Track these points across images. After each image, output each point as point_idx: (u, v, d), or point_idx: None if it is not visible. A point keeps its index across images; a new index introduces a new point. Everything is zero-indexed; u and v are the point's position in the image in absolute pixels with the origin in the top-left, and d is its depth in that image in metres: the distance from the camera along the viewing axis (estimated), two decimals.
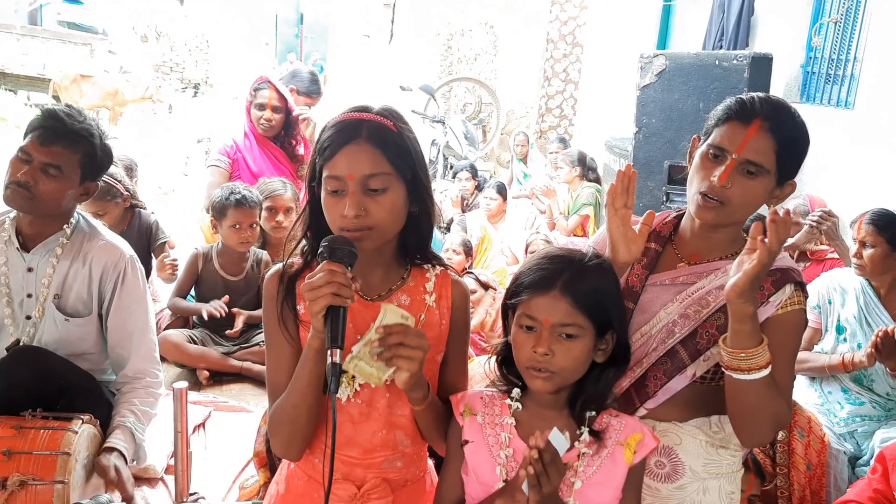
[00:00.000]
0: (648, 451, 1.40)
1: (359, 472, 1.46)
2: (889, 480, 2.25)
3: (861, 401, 2.95)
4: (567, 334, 1.35)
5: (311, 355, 1.35)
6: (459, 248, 4.41)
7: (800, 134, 1.54)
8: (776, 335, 1.49)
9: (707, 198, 1.52)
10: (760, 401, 1.45)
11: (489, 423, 1.44)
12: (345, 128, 1.37)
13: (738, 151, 1.49)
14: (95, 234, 2.27)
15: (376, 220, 1.36)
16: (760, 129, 1.49)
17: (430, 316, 1.47)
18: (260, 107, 3.85)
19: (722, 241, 1.60)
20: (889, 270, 2.88)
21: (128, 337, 2.29)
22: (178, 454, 1.94)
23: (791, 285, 1.54)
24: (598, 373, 1.40)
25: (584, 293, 1.35)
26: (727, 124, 1.53)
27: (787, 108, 1.55)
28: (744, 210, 1.54)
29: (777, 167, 1.51)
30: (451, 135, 8.37)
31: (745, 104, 1.52)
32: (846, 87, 4.37)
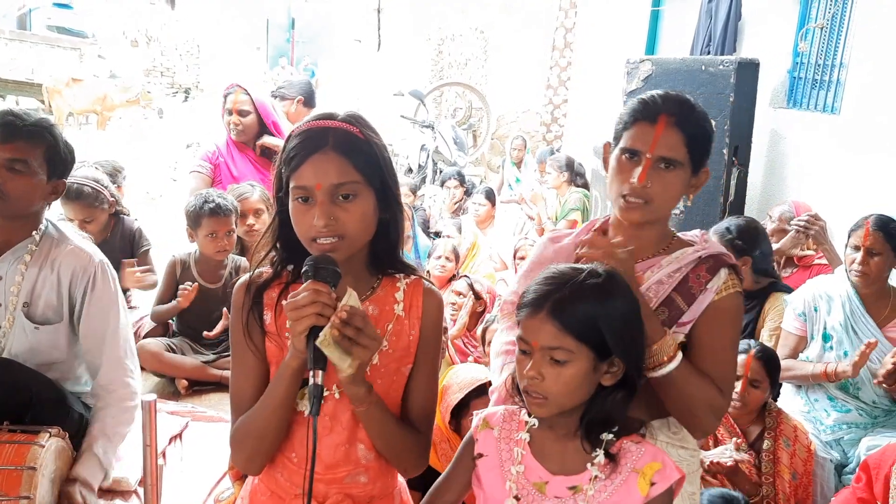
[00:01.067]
0: (669, 484, 1.32)
1: (321, 487, 1.42)
2: (873, 489, 2.23)
3: (847, 408, 2.93)
4: (555, 358, 1.30)
5: (288, 374, 1.33)
6: (451, 255, 4.38)
7: (704, 122, 1.59)
8: (714, 322, 1.54)
9: (629, 199, 1.56)
10: (685, 391, 1.50)
11: (504, 437, 1.42)
12: (310, 137, 1.34)
13: (651, 150, 1.53)
14: (64, 239, 2.23)
15: (347, 228, 1.33)
16: (667, 125, 1.53)
17: (399, 326, 1.44)
18: (228, 112, 3.86)
19: (651, 239, 1.63)
20: (887, 277, 2.87)
21: (100, 343, 2.25)
22: (147, 468, 1.90)
23: (725, 269, 1.58)
24: (603, 396, 1.35)
25: (572, 316, 1.30)
26: (635, 126, 1.57)
27: (688, 101, 1.60)
28: (666, 205, 1.59)
29: (689, 158, 1.56)
30: (440, 140, 8.35)
31: (647, 104, 1.57)
32: (832, 92, 4.36)
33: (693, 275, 1.56)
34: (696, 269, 1.57)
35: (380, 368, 1.43)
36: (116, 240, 3.64)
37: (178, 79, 15.65)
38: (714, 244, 1.63)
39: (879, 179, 3.70)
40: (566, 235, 1.76)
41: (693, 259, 1.58)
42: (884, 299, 2.89)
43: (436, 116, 9.76)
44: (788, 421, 2.71)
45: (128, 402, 2.28)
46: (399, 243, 1.48)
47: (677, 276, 1.56)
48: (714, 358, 1.53)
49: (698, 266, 1.57)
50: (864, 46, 4.07)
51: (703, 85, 4.28)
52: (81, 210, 3.40)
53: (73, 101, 11.60)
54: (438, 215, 6.75)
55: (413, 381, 1.47)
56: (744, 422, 2.68)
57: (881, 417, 2.91)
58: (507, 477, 1.38)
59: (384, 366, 1.43)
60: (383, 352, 1.43)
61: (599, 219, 1.74)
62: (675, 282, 1.56)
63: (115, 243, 3.61)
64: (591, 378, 1.32)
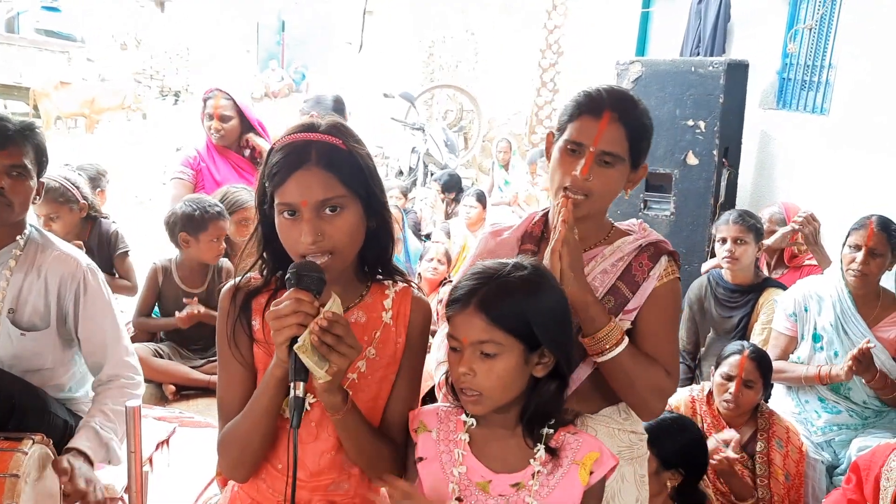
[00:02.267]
0: (606, 471, 1.36)
1: (304, 494, 1.42)
2: (863, 490, 2.23)
3: (838, 409, 2.94)
4: (485, 352, 1.30)
5: (272, 383, 1.31)
6: (443, 258, 4.37)
7: (646, 119, 1.61)
8: (655, 307, 1.59)
9: (570, 194, 1.57)
10: (632, 374, 1.53)
11: (443, 439, 1.41)
12: (293, 151, 1.32)
13: (595, 144, 1.54)
14: (49, 244, 2.20)
15: (335, 242, 1.32)
16: (611, 121, 1.54)
17: (386, 334, 1.44)
18: (209, 116, 3.80)
19: (592, 229, 1.65)
20: (878, 276, 2.87)
21: (101, 346, 2.23)
22: (132, 475, 1.87)
23: (665, 256, 1.62)
24: (539, 388, 1.36)
25: (500, 309, 1.30)
26: (579, 119, 1.58)
27: (631, 97, 1.62)
28: (605, 199, 1.61)
29: (630, 153, 1.58)
30: (431, 142, 8.35)
31: (592, 98, 1.58)
32: (821, 93, 4.37)
33: (636, 263, 1.61)
34: (639, 257, 1.61)
35: (367, 376, 1.42)
36: (94, 243, 3.60)
37: (168, 82, 15.57)
38: (652, 233, 1.68)
39: (868, 180, 3.71)
40: (507, 229, 1.77)
41: (634, 248, 1.62)
42: (874, 300, 2.90)
43: (427, 119, 9.77)
44: (781, 422, 2.71)
45: (129, 389, 2.26)
46: (389, 250, 1.46)
47: (620, 265, 1.61)
48: (658, 340, 1.58)
49: (640, 254, 1.61)
50: (852, 47, 4.08)
51: (693, 86, 4.28)
52: (46, 205, 3.34)
53: (61, 105, 11.54)
54: (430, 218, 6.75)
55: (395, 389, 1.46)
56: (736, 423, 2.68)
57: (871, 418, 2.91)
58: (449, 479, 1.37)
59: (371, 374, 1.42)
60: (371, 359, 1.42)
61: (538, 212, 1.77)
62: (618, 271, 1.61)
63: (92, 246, 3.57)
64: (523, 370, 1.33)
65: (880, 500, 2.15)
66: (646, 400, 1.58)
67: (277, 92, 17.25)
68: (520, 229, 1.74)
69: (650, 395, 1.57)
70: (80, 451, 2.05)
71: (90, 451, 2.08)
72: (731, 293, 3.35)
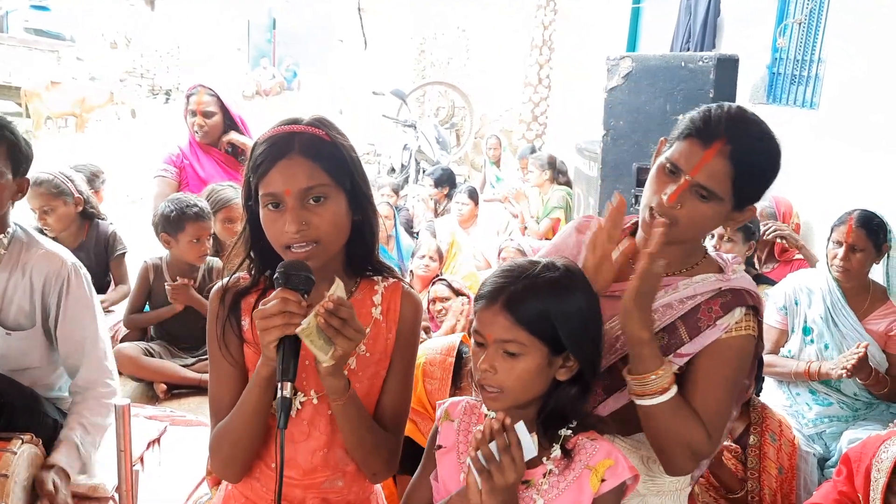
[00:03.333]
0: (620, 481, 1.31)
1: (297, 492, 1.41)
2: (854, 482, 2.23)
3: (829, 402, 2.95)
4: (507, 351, 1.29)
5: (260, 382, 1.31)
6: (435, 255, 4.36)
7: (764, 161, 1.44)
8: (714, 359, 1.44)
9: (656, 214, 1.45)
10: (668, 426, 1.39)
11: (464, 429, 1.42)
12: (276, 142, 1.32)
13: (693, 174, 1.39)
14: (34, 243, 2.18)
15: (319, 232, 1.31)
16: (719, 154, 1.38)
17: (377, 329, 1.43)
18: (192, 113, 3.77)
19: (677, 255, 1.50)
20: (864, 269, 2.89)
21: (79, 347, 2.21)
22: (122, 474, 1.87)
23: (741, 309, 1.46)
24: (558, 391, 1.34)
25: (526, 309, 1.28)
26: (687, 140, 1.43)
27: (753, 131, 1.43)
28: (692, 231, 1.46)
29: (733, 194, 1.41)
30: (422, 139, 8.35)
31: (709, 122, 1.41)
32: (811, 87, 4.38)
33: (706, 306, 1.45)
34: (712, 300, 1.46)
35: (357, 372, 1.41)
36: (91, 244, 3.59)
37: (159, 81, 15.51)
38: (742, 277, 1.50)
39: (857, 173, 3.72)
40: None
41: (711, 290, 1.46)
42: (864, 293, 2.91)
43: (418, 116, 9.77)
44: (773, 416, 2.71)
45: (106, 400, 2.24)
46: (374, 244, 1.46)
47: (689, 303, 1.46)
48: (707, 396, 1.42)
49: (714, 298, 1.45)
50: (841, 41, 4.09)
51: (683, 81, 4.28)
52: (39, 197, 3.33)
53: (52, 105, 11.50)
54: (422, 214, 6.74)
55: (386, 384, 1.45)
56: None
57: (862, 410, 2.92)
58: (462, 469, 1.37)
59: (362, 370, 1.42)
60: (361, 356, 1.42)
61: (632, 218, 1.62)
62: (685, 309, 1.46)
63: (90, 247, 3.57)
64: (546, 372, 1.31)
65: (871, 492, 2.15)
66: (675, 456, 1.43)
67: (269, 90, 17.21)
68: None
69: (681, 453, 1.42)
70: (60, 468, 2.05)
71: (69, 469, 2.08)
72: None
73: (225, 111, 3.80)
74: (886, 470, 2.11)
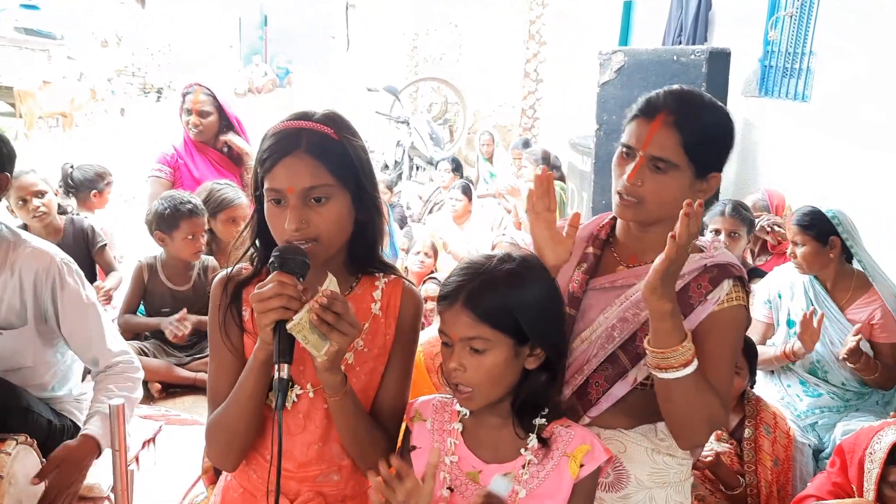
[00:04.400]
0: (597, 465, 1.35)
1: (292, 485, 1.42)
2: (847, 473, 2.25)
3: (819, 392, 2.97)
4: (474, 348, 1.30)
5: (256, 366, 1.32)
6: (430, 251, 4.37)
7: (711, 124, 1.50)
8: (713, 332, 1.47)
9: (623, 197, 1.51)
10: (690, 399, 1.41)
11: (437, 428, 1.42)
12: (284, 138, 1.33)
13: (644, 148, 1.47)
14: (21, 241, 2.17)
15: (319, 231, 1.32)
16: (663, 125, 1.46)
17: (376, 325, 1.44)
18: (187, 112, 3.74)
19: (657, 241, 1.51)
20: (828, 264, 2.91)
21: (87, 339, 2.22)
22: (117, 474, 1.87)
23: (729, 281, 1.50)
24: (528, 380, 1.35)
25: (486, 304, 1.29)
26: (634, 121, 1.52)
27: (696, 100, 1.52)
28: (662, 207, 1.50)
29: (689, 161, 1.47)
30: (416, 135, 8.34)
31: (649, 100, 1.51)
32: (803, 80, 4.38)
33: (695, 283, 1.49)
34: (699, 278, 1.50)
35: (355, 367, 1.42)
36: (70, 240, 3.58)
37: (150, 79, 15.47)
38: (724, 253, 1.55)
39: (849, 166, 3.74)
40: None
41: (697, 267, 1.50)
42: (845, 281, 2.94)
43: (411, 112, 9.76)
44: (767, 408, 2.73)
45: (130, 374, 2.26)
46: (378, 244, 1.46)
47: (679, 283, 1.47)
48: (712, 368, 1.44)
49: (701, 275, 1.50)
50: (832, 34, 4.10)
51: (676, 75, 4.29)
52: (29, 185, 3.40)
53: (45, 104, 11.48)
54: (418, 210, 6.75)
55: (385, 380, 1.46)
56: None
57: (853, 400, 2.94)
58: (441, 467, 1.37)
59: (360, 365, 1.42)
60: (359, 351, 1.42)
61: (608, 214, 1.68)
62: (675, 289, 1.46)
63: (68, 243, 3.54)
64: (514, 363, 1.33)
65: (865, 482, 2.17)
66: (696, 429, 1.46)
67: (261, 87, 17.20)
68: (587, 228, 1.67)
69: (702, 424, 1.45)
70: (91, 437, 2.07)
71: (102, 439, 2.08)
72: None
73: (221, 111, 3.79)
74: (880, 461, 2.13)
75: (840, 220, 2.86)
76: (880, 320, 2.83)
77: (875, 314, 2.84)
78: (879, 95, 3.53)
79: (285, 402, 1.23)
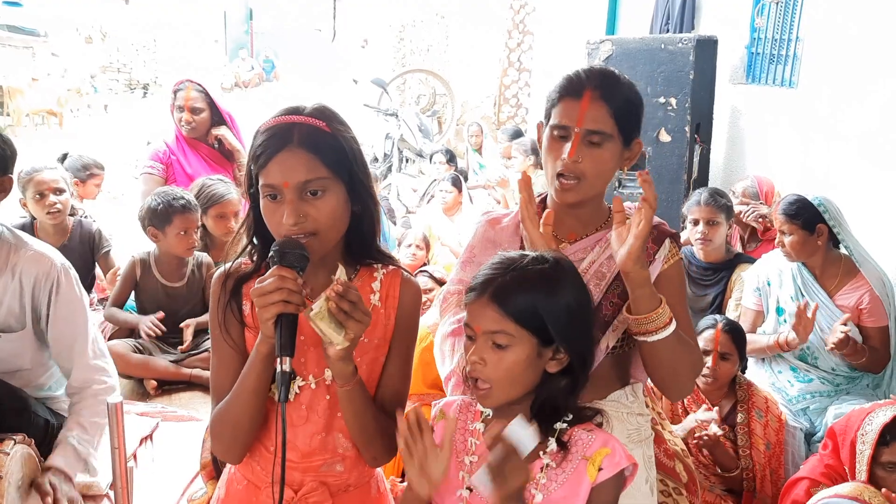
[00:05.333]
0: (617, 470, 1.32)
1: (296, 475, 1.43)
2: (839, 455, 2.28)
3: (809, 378, 3.00)
4: (496, 343, 1.30)
5: (258, 360, 1.33)
6: (422, 243, 4.37)
7: (630, 94, 1.60)
8: (667, 289, 1.57)
9: (563, 178, 1.57)
10: (676, 355, 1.53)
11: (459, 428, 1.42)
12: (276, 133, 1.33)
13: (579, 125, 1.54)
14: (22, 244, 2.16)
15: (317, 224, 1.33)
16: (592, 99, 1.54)
17: (376, 315, 1.44)
18: (179, 108, 3.73)
19: (591, 215, 1.67)
20: (816, 252, 2.93)
21: (69, 347, 2.21)
22: (116, 472, 1.87)
23: (668, 240, 1.64)
24: (548, 383, 1.34)
25: (513, 301, 1.29)
26: (562, 102, 1.59)
27: (612, 74, 1.61)
28: (600, 180, 1.60)
29: (618, 130, 1.57)
30: (404, 128, 8.32)
31: (572, 80, 1.59)
32: (789, 66, 4.40)
33: None
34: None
35: (356, 358, 1.41)
36: (76, 243, 3.58)
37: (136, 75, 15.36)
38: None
39: (836, 151, 3.76)
40: (504, 216, 1.77)
41: None
42: (833, 268, 2.96)
43: (399, 104, 9.72)
44: (759, 393, 2.76)
45: (103, 396, 2.23)
46: (374, 234, 1.47)
47: None
48: (680, 320, 1.55)
49: None
50: (817, 19, 4.12)
51: (663, 63, 4.30)
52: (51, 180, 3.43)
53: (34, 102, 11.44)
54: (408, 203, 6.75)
55: (386, 370, 1.47)
56: (715, 396, 2.72)
57: (843, 385, 2.97)
58: (461, 466, 1.37)
59: (360, 356, 1.42)
60: (360, 342, 1.42)
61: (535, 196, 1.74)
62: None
63: (74, 247, 3.55)
64: (535, 364, 1.32)
65: (857, 464, 2.20)
66: (685, 380, 1.60)
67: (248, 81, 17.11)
68: (518, 214, 1.71)
69: (689, 374, 1.59)
70: (59, 469, 2.05)
71: (68, 469, 2.08)
72: (704, 271, 3.39)
73: (213, 107, 3.78)
74: (871, 441, 2.16)
75: (826, 206, 2.88)
76: (868, 305, 2.86)
77: (863, 299, 2.87)
78: (865, 80, 3.55)
79: (288, 395, 1.23)
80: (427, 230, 4.83)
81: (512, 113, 10.37)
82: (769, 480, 2.64)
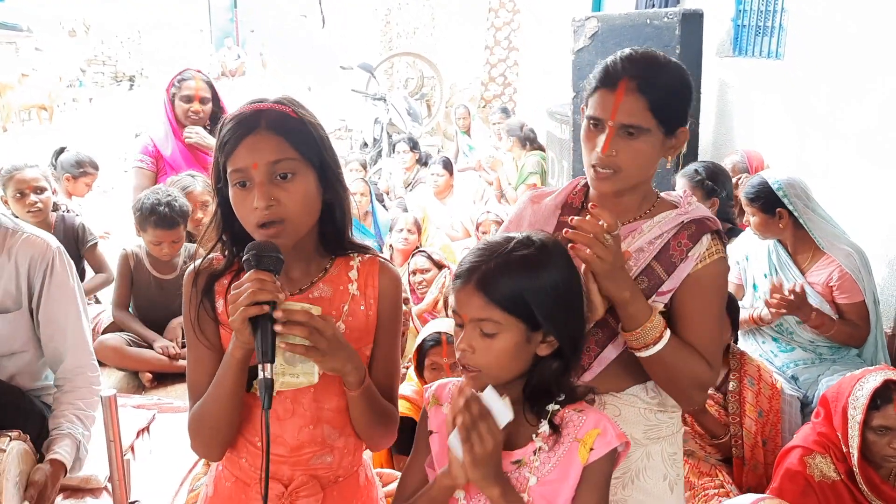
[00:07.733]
0: (609, 449, 1.31)
1: (285, 469, 1.42)
2: (832, 422, 2.30)
3: (791, 347, 3.04)
4: (484, 331, 1.28)
5: (234, 364, 1.31)
6: (413, 228, 4.37)
7: (671, 81, 1.51)
8: (696, 291, 1.50)
9: (598, 170, 1.50)
10: (672, 368, 1.47)
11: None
12: (243, 120, 1.31)
13: (612, 118, 1.47)
14: (18, 228, 2.20)
15: (288, 209, 1.30)
16: (627, 91, 1.46)
17: (355, 305, 1.42)
18: (187, 98, 3.64)
19: (632, 203, 1.58)
20: (780, 232, 2.95)
21: (61, 330, 2.22)
22: (113, 464, 1.88)
23: (707, 235, 1.52)
24: (539, 366, 1.33)
25: (499, 288, 1.27)
26: (597, 93, 1.51)
27: (654, 60, 1.52)
28: (640, 171, 1.52)
29: (657, 122, 1.48)
30: (393, 112, 8.28)
31: (608, 69, 1.51)
32: (776, 38, 4.39)
33: (674, 241, 1.51)
34: (678, 235, 1.51)
35: None
36: (59, 237, 3.55)
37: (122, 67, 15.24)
38: (698, 207, 1.57)
39: (823, 122, 3.76)
40: (548, 194, 1.69)
41: (674, 225, 1.52)
42: (804, 245, 2.97)
43: (387, 88, 9.69)
44: (751, 361, 2.77)
45: (95, 386, 2.26)
46: (346, 224, 1.45)
47: (658, 242, 1.51)
48: (697, 328, 1.49)
49: (680, 232, 1.51)
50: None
51: (649, 39, 4.28)
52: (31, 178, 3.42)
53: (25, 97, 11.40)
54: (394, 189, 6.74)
55: (374, 360, 1.45)
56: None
57: (827, 354, 2.99)
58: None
59: None
60: (343, 334, 1.41)
61: (582, 179, 1.67)
62: (655, 249, 1.51)
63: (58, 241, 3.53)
64: (525, 349, 1.30)
65: (849, 429, 2.22)
66: (687, 394, 1.53)
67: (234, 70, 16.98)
68: (560, 196, 1.66)
69: (691, 389, 1.51)
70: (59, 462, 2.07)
71: (68, 463, 2.10)
72: None
73: (215, 98, 3.74)
74: (862, 406, 2.18)
75: (786, 191, 2.87)
76: (838, 282, 2.87)
77: (832, 276, 2.88)
78: (851, 50, 3.55)
79: (271, 402, 1.22)
80: (422, 213, 4.83)
81: (499, 91, 10.34)
82: (760, 447, 2.65)
